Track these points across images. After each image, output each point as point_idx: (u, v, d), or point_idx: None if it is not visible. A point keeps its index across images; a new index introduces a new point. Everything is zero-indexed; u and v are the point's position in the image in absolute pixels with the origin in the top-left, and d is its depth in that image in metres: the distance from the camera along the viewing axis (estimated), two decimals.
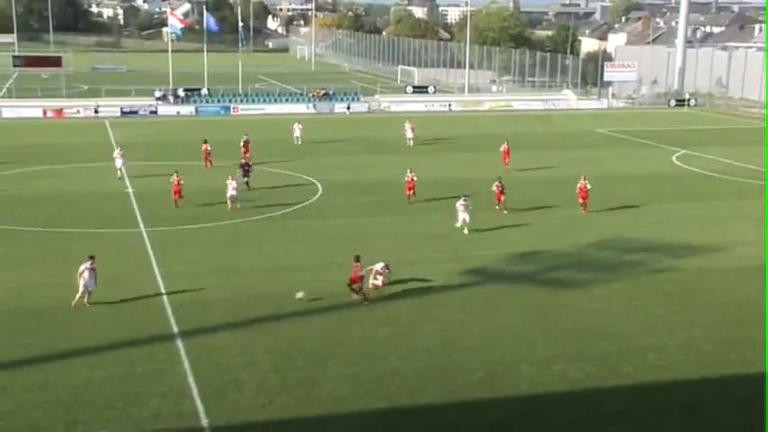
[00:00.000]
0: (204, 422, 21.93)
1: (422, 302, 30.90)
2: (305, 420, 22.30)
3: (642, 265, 36.29)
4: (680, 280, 34.21)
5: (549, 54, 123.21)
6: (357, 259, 30.72)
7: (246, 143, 59.50)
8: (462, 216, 40.55)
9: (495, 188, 44.46)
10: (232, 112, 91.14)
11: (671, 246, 39.27)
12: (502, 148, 57.30)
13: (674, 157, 65.13)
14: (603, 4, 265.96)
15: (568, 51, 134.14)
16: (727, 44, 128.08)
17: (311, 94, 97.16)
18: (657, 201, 49.45)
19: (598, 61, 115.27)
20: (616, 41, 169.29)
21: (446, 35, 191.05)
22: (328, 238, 40.17)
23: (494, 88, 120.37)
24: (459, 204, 40.88)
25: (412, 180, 46.39)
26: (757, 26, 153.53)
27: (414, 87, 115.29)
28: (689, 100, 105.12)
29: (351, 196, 49.35)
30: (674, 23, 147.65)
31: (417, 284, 32.75)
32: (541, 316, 29.95)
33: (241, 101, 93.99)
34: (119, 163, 53.45)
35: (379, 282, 31.25)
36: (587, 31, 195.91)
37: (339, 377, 24.62)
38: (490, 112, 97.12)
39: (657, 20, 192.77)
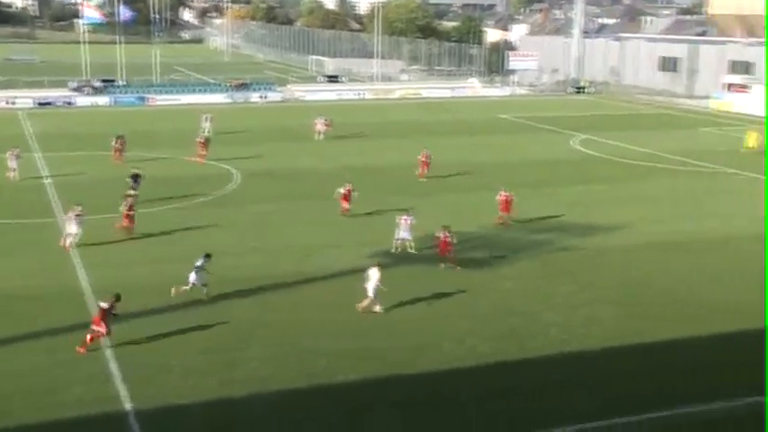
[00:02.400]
0: (128, 406, 22.08)
1: (339, 284, 31.34)
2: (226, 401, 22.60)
3: (547, 244, 37.57)
4: (582, 258, 35.56)
5: (455, 44, 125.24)
6: None
7: (206, 141, 56.56)
8: (404, 234, 35.64)
9: (441, 235, 34.13)
10: (149, 103, 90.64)
11: (573, 226, 40.62)
12: (421, 157, 51.59)
13: (572, 142, 67.34)
14: None
15: (473, 41, 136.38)
16: (620, 35, 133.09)
17: (229, 84, 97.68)
18: (559, 183, 50.90)
19: (501, 51, 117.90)
20: (518, 32, 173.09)
21: (356, 26, 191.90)
22: (247, 224, 40.58)
23: (403, 77, 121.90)
24: (402, 220, 35.84)
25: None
26: (649, 18, 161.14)
27: (326, 77, 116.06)
28: (586, 87, 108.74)
29: (268, 184, 49.65)
30: (571, 15, 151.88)
31: (340, 267, 33.40)
32: (456, 296, 30.69)
33: (157, 91, 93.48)
34: (13, 163, 48.76)
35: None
36: (491, 22, 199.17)
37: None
38: (401, 101, 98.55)
39: (556, 11, 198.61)
